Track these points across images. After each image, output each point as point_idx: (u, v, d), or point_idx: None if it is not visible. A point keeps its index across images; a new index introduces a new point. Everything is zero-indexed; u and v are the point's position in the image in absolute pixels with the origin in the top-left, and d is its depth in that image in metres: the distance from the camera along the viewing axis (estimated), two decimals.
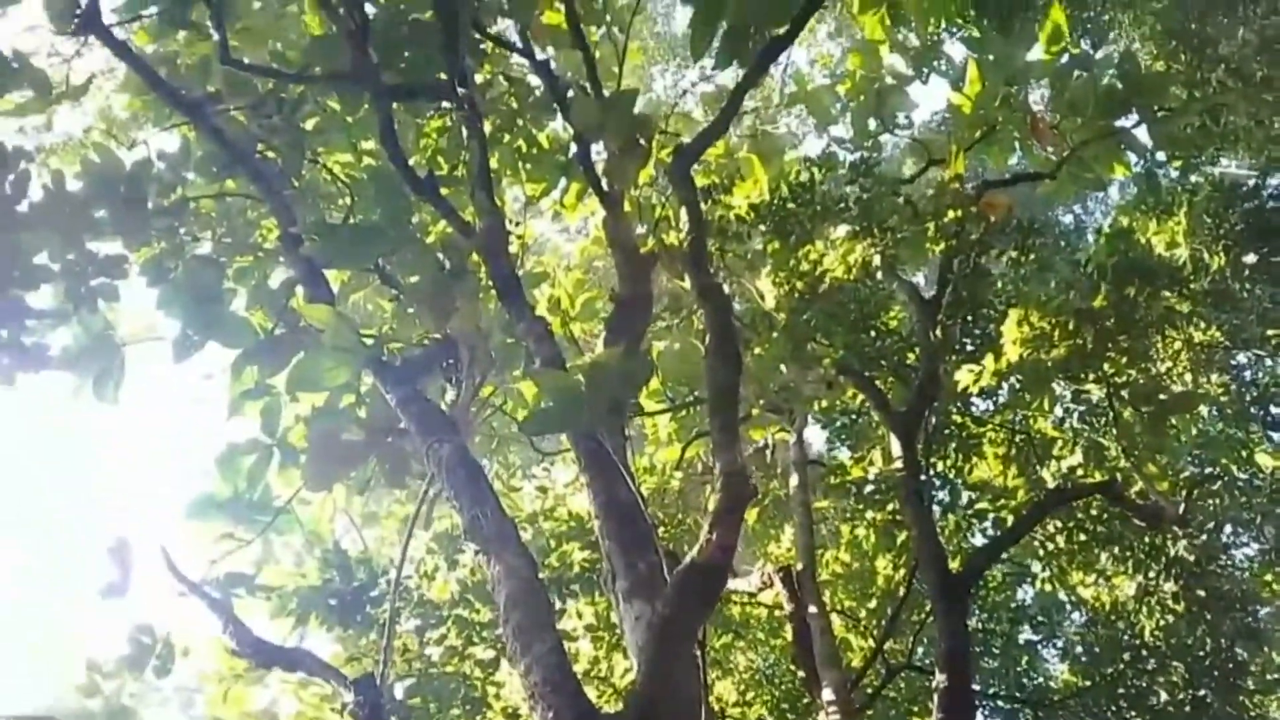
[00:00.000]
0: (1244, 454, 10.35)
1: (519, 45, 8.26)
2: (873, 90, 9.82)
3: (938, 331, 8.94)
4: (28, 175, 6.53)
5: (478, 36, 7.94)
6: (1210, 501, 10.28)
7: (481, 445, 9.67)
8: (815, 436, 12.07)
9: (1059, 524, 9.99)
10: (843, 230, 9.19)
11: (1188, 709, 9.99)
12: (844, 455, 10.75)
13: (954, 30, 10.12)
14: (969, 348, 9.09)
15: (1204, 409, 10.33)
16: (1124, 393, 9.07)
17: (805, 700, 9.56)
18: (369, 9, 7.23)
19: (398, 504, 10.11)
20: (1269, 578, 10.66)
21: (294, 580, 8.44)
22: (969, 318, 9.20)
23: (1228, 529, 10.67)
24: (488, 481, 5.79)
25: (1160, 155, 10.26)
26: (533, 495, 10.18)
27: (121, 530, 8.06)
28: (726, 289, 9.32)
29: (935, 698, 7.54)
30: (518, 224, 8.69)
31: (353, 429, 6.61)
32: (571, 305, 9.41)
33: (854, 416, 10.48)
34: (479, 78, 8.22)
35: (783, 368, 8.86)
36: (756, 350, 8.70)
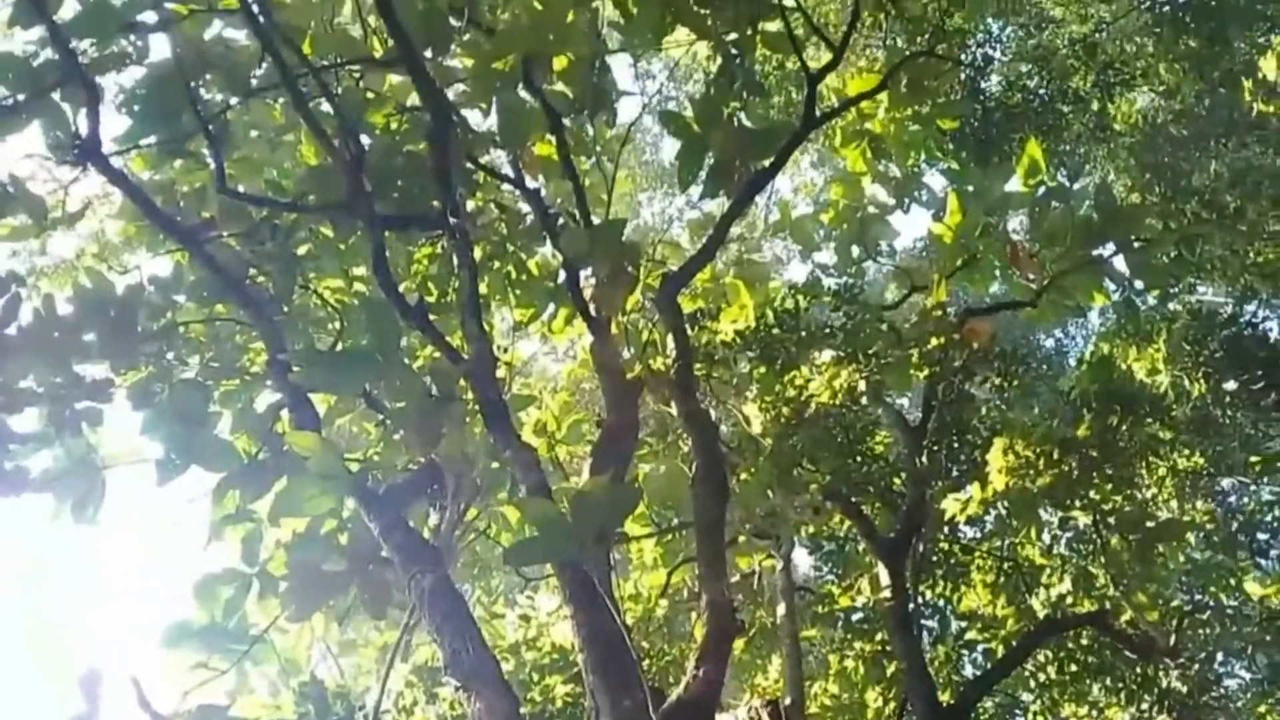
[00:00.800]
0: (1233, 582, 10.27)
1: (510, 175, 8.45)
2: (855, 219, 10.05)
3: (924, 458, 8.96)
4: (19, 300, 6.57)
5: (470, 166, 8.11)
6: (1201, 631, 10.15)
7: (464, 570, 9.54)
8: (802, 561, 11.97)
9: (1050, 654, 9.84)
10: (828, 355, 9.28)
11: None
12: (831, 582, 10.63)
13: (934, 162, 10.44)
14: (955, 474, 9.09)
15: (1191, 536, 10.29)
16: (1111, 520, 9.05)
17: None
18: (364, 140, 7.40)
19: (376, 632, 9.90)
20: (1263, 709, 10.47)
21: (269, 713, 8.18)
22: (954, 444, 9.22)
23: (1219, 659, 10.52)
24: (470, 614, 5.70)
25: (1138, 284, 10.48)
26: (515, 624, 9.99)
27: (92, 658, 7.86)
28: (713, 413, 9.36)
29: None
30: (505, 349, 8.74)
31: (334, 558, 6.52)
32: (558, 428, 9.41)
33: (841, 543, 10.40)
34: (470, 205, 8.38)
35: (769, 493, 8.83)
36: (743, 475, 8.69)
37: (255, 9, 6.79)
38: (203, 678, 7.21)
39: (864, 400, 9.37)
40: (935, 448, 9.20)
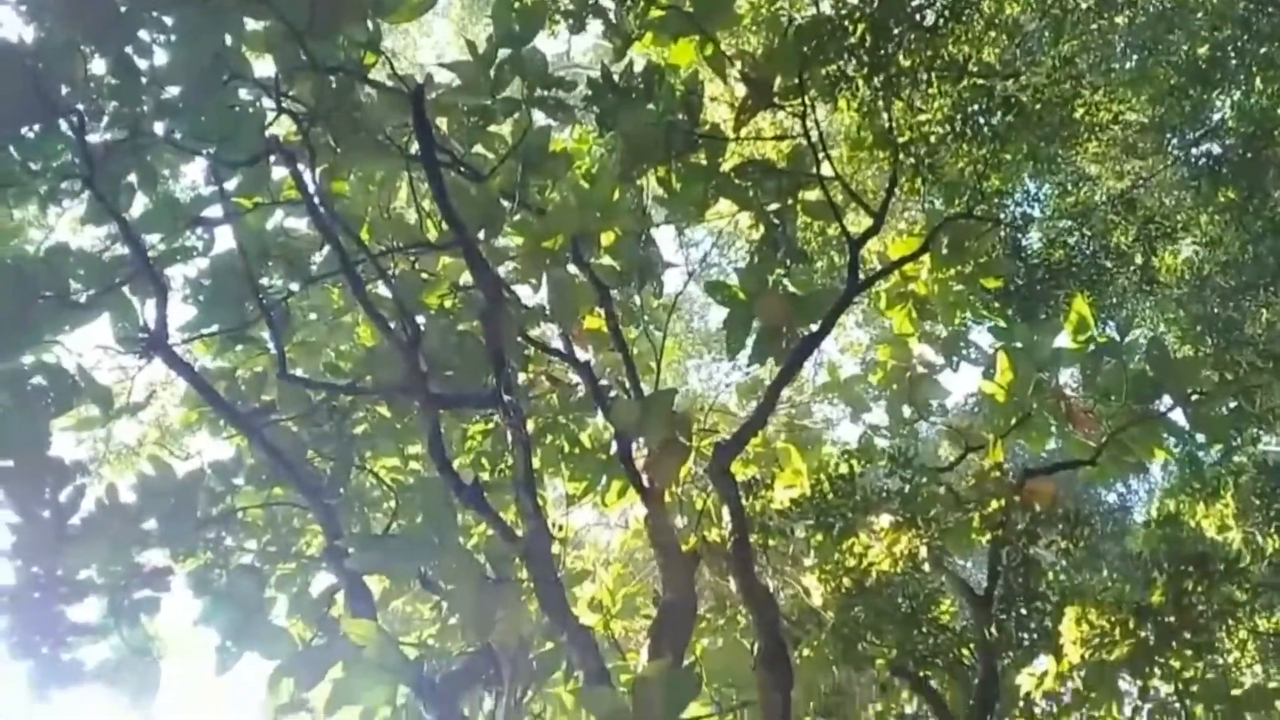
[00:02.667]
0: None
1: (561, 348, 8.57)
2: (904, 378, 10.03)
3: (992, 628, 8.64)
4: (83, 490, 6.66)
5: (521, 341, 8.25)
6: None
7: None
8: None
9: None
10: (886, 521, 9.09)
11: None
12: None
13: (980, 321, 10.45)
14: (1026, 643, 8.73)
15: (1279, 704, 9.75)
16: (1194, 689, 8.61)
17: None
18: (419, 320, 7.58)
19: None
20: None
21: None
22: (1023, 611, 8.89)
23: None
24: None
25: (1199, 437, 10.27)
26: None
27: None
28: (771, 584, 9.16)
29: None
30: (559, 526, 8.69)
31: None
32: (613, 602, 9.24)
33: None
34: (522, 378, 8.49)
35: (834, 669, 8.54)
36: (805, 651, 8.41)
37: (315, 200, 7.09)
38: None
39: (926, 567, 9.12)
40: (1004, 616, 8.87)
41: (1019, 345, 9.67)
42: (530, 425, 8.04)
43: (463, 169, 7.83)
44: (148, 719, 7.17)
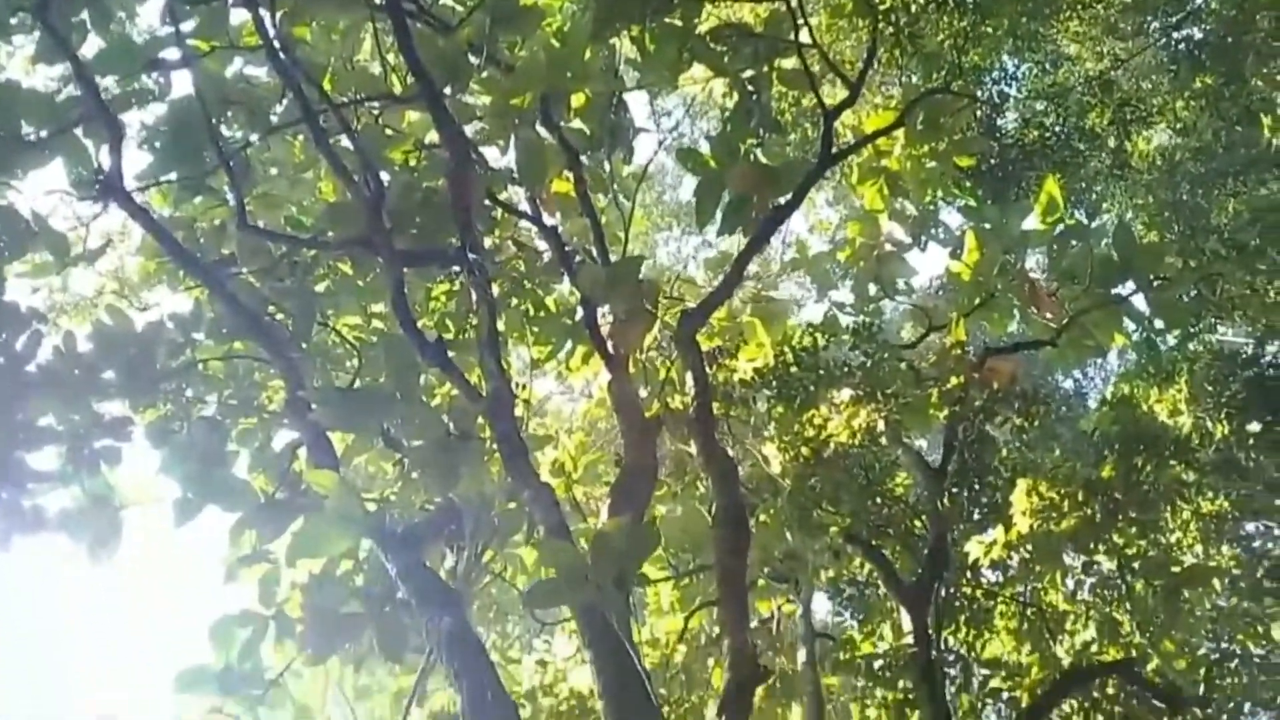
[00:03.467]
0: (1260, 630, 10.06)
1: (528, 212, 8.44)
2: (872, 256, 9.99)
3: (945, 500, 8.85)
4: (39, 337, 6.56)
5: (488, 203, 8.11)
6: (1229, 680, 9.95)
7: (480, 614, 9.43)
8: (821, 607, 11.80)
9: (1075, 703, 9.64)
10: (847, 395, 9.20)
11: None
12: (852, 627, 10.45)
13: (951, 200, 10.40)
14: (977, 516, 8.97)
15: (1218, 582, 10.10)
16: (1135, 565, 8.91)
17: None
18: (384, 176, 7.41)
19: (391, 677, 9.76)
20: None
21: None
22: (976, 486, 9.11)
23: (1247, 709, 10.30)
24: (488, 659, 5.61)
25: (1159, 323, 10.39)
26: (532, 669, 9.85)
27: (108, 706, 7.75)
28: (731, 454, 9.28)
29: None
30: (522, 385, 8.69)
31: (350, 600, 6.44)
32: (575, 468, 9.33)
33: (862, 588, 10.24)
34: (488, 241, 8.37)
35: (789, 535, 8.73)
36: (762, 517, 8.58)
37: (277, 46, 6.82)
38: None
39: (884, 440, 9.27)
40: (956, 490, 9.09)
41: (988, 225, 9.65)
42: (495, 289, 7.97)
43: (430, 19, 7.54)
44: (109, 568, 7.21)
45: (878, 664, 9.32)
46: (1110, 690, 9.33)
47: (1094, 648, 9.25)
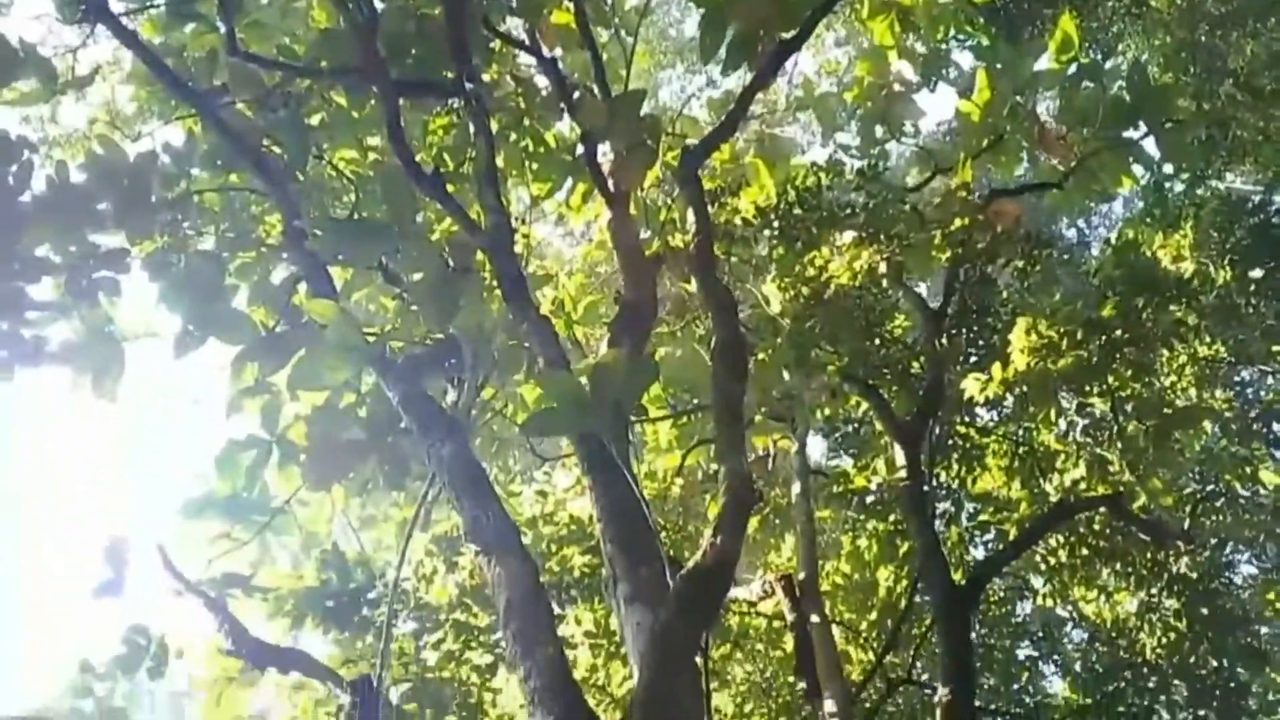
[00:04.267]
0: (1247, 471, 10.28)
1: (527, 44, 8.21)
2: (880, 97, 9.76)
3: (943, 340, 8.89)
4: (31, 165, 6.45)
5: (486, 34, 7.88)
6: (1213, 518, 10.22)
7: (481, 449, 9.58)
8: (816, 447, 12.00)
9: (1061, 538, 9.92)
10: (849, 237, 9.15)
11: None
12: (846, 465, 10.67)
13: (962, 38, 10.11)
14: (974, 358, 9.03)
15: (1208, 425, 10.26)
16: (1128, 406, 9.02)
17: (804, 713, 9.47)
18: (378, 4, 7.18)
19: (395, 507, 10.00)
20: (1271, 596, 10.59)
21: (290, 582, 8.34)
22: (974, 327, 9.14)
23: (1230, 547, 10.61)
24: (489, 483, 5.71)
25: (1168, 168, 10.23)
26: (532, 500, 10.09)
27: (117, 530, 7.95)
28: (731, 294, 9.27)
29: (938, 712, 7.47)
30: (522, 220, 8.62)
31: (353, 429, 6.53)
32: (574, 309, 9.33)
33: (857, 426, 10.41)
34: (486, 76, 8.16)
35: (786, 374, 8.80)
36: (760, 356, 8.64)
37: None
38: (225, 548, 7.32)
39: (884, 283, 9.27)
40: (955, 331, 9.13)
41: (999, 65, 9.41)
42: (494, 125, 7.82)
43: None
44: (111, 401, 7.27)
45: (870, 498, 9.57)
46: (1096, 526, 9.60)
47: (1082, 486, 9.46)
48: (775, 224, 9.02)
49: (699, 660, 4.87)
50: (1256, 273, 10.21)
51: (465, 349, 6.65)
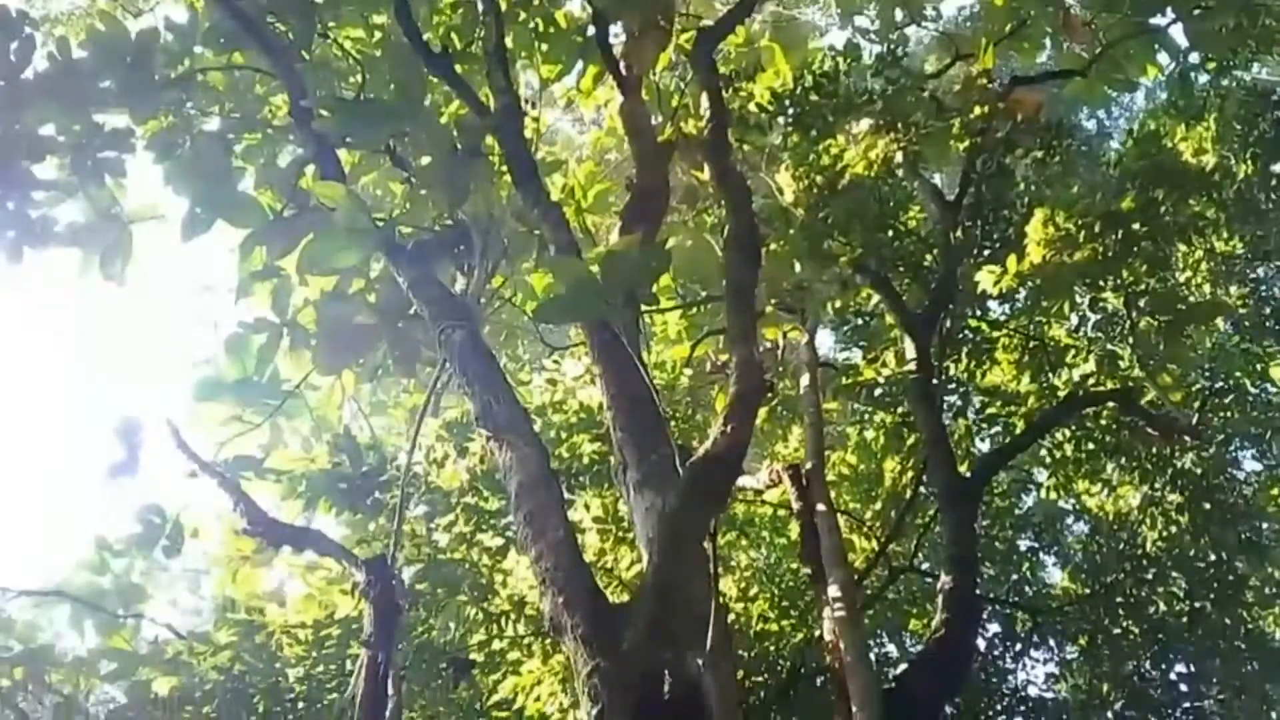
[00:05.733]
0: (1258, 368, 10.25)
1: None
2: None
3: (958, 232, 8.78)
4: (32, 41, 6.34)
5: None
6: (1221, 415, 10.22)
7: (490, 338, 9.58)
8: (826, 341, 11.98)
9: (1068, 432, 9.95)
10: (865, 125, 8.96)
11: (1185, 620, 10.07)
12: (856, 358, 10.65)
13: None
14: (988, 251, 8.92)
15: (1221, 321, 10.20)
16: (1142, 302, 8.94)
17: (806, 598, 9.64)
18: None
19: (406, 393, 10.07)
20: (1275, 492, 10.66)
21: (303, 465, 8.44)
22: (990, 219, 9.01)
23: (1236, 443, 10.63)
24: (500, 368, 5.72)
25: (1193, 57, 9.95)
26: (541, 388, 10.11)
27: (130, 412, 8.01)
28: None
29: (940, 598, 7.59)
30: (532, 105, 8.45)
31: (364, 314, 6.52)
32: (584, 196, 9.21)
33: (868, 319, 10.35)
34: None
35: (798, 265, 8.72)
36: (772, 246, 8.53)
37: None
38: (237, 431, 7.38)
39: (900, 173, 9.11)
40: (970, 223, 9.00)
41: None
42: (503, 3, 7.61)
43: None
44: (120, 283, 7.25)
45: (878, 390, 9.57)
46: (1104, 421, 9.61)
47: (1091, 381, 9.45)
48: (790, 111, 8.82)
49: (707, 545, 4.94)
50: (1278, 167, 10.02)
51: (475, 234, 6.59)
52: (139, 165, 7.13)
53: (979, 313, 9.68)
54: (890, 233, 9.17)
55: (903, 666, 10.26)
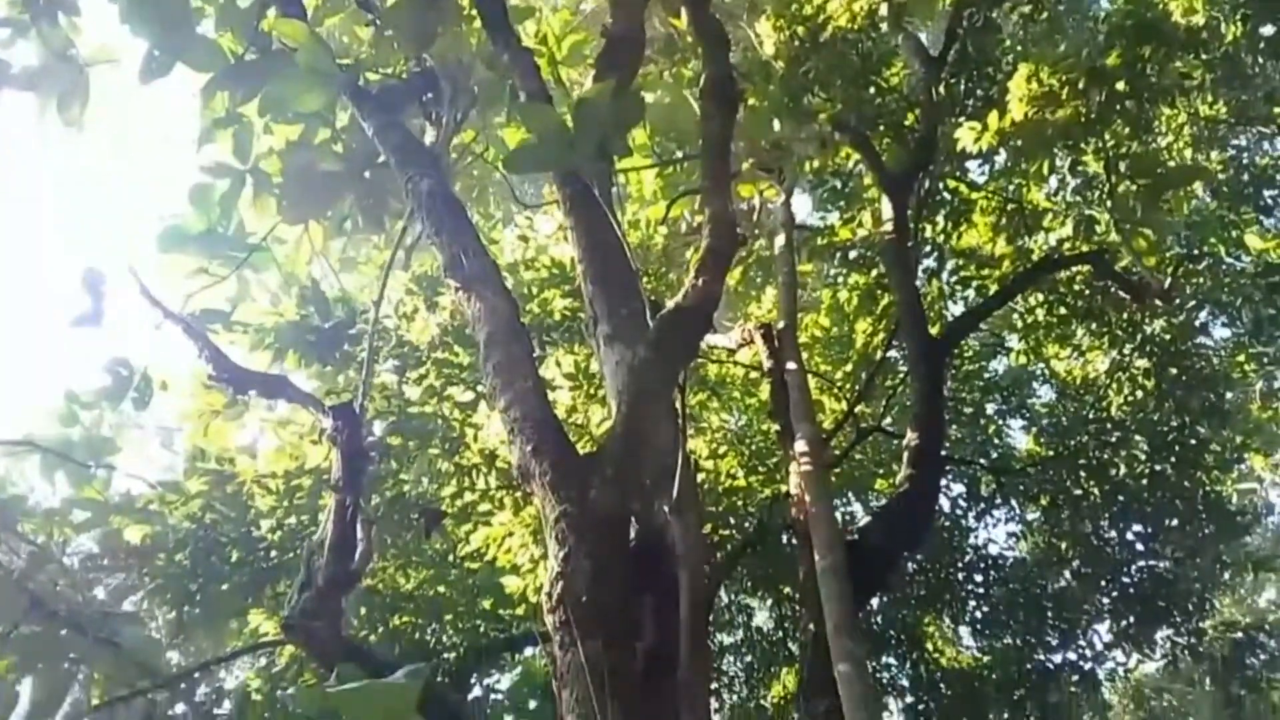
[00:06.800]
0: (1234, 235, 10.24)
1: None
2: None
3: (940, 90, 8.60)
4: None
5: None
6: (1194, 281, 10.26)
7: (462, 195, 9.39)
8: (802, 207, 11.85)
9: (1040, 297, 9.98)
10: None
11: (1145, 483, 10.31)
12: (832, 220, 10.55)
13: None
14: (971, 110, 8.76)
15: (1199, 187, 10.14)
16: (1122, 165, 8.84)
17: (775, 458, 9.77)
18: None
19: (376, 250, 9.91)
20: (1241, 359, 10.79)
21: (271, 318, 8.35)
22: (974, 76, 8.82)
23: (1207, 310, 10.71)
24: (469, 219, 5.60)
25: None
26: (513, 245, 9.99)
27: (93, 260, 7.87)
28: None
29: (905, 455, 7.71)
30: None
31: (329, 160, 6.34)
32: (558, 47, 8.89)
33: (845, 181, 10.22)
34: None
35: (776, 122, 8.53)
36: (751, 102, 8.33)
37: None
38: (203, 283, 7.25)
39: (884, 26, 8.85)
40: (954, 80, 8.80)
41: None
42: None
43: None
44: (77, 127, 7.02)
45: (853, 252, 9.53)
46: (1076, 285, 9.64)
47: (1067, 246, 9.42)
48: None
49: (675, 398, 4.94)
50: (1268, 29, 9.78)
51: (443, 81, 6.38)
52: (94, 4, 6.83)
53: (958, 174, 9.58)
54: (872, 89, 8.96)
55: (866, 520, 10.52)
